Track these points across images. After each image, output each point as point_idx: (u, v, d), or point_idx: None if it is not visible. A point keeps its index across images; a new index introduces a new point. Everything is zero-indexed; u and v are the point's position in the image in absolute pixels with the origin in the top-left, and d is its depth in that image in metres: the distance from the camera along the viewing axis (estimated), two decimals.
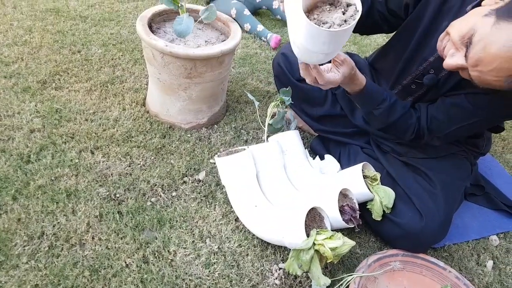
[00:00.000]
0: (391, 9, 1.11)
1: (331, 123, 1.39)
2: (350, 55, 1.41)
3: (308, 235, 0.96)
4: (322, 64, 0.94)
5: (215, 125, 1.47)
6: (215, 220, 1.13)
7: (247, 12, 2.18)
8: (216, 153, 1.34)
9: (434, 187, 1.14)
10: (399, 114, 1.09)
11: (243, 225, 1.12)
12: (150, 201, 1.14)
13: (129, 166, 1.23)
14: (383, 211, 1.12)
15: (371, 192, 1.12)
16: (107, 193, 1.12)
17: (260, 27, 2.14)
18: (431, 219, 1.08)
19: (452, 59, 0.84)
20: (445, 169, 1.19)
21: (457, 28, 0.83)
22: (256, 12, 2.44)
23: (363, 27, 1.15)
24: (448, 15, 0.98)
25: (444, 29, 0.95)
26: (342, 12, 0.73)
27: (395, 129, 1.13)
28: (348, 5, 0.75)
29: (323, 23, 0.73)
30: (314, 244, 0.95)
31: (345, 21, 0.72)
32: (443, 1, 0.99)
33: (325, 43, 0.73)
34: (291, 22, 0.79)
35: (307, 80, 0.96)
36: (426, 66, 1.06)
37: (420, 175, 1.19)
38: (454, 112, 1.04)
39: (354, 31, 0.91)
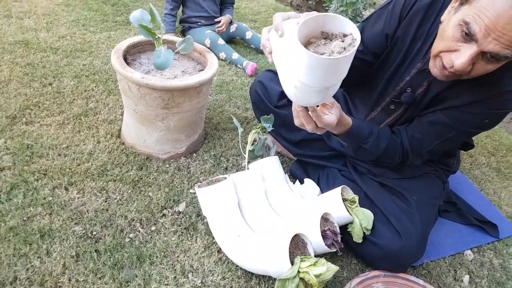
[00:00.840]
0: (374, 52, 1.15)
1: (309, 147, 1.41)
2: None
3: (292, 263, 0.96)
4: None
5: (194, 154, 1.46)
6: (197, 253, 1.11)
7: (221, 41, 2.21)
8: (196, 183, 1.33)
9: (410, 207, 1.17)
10: (386, 142, 1.13)
11: (226, 256, 1.11)
12: (129, 237, 1.11)
13: (106, 201, 1.20)
14: (363, 233, 1.13)
15: (350, 215, 1.13)
16: (83, 231, 1.09)
17: (235, 55, 2.17)
18: (409, 238, 1.10)
19: (462, 56, 0.84)
20: (419, 189, 1.23)
21: (440, 40, 0.88)
22: (230, 40, 2.48)
23: (351, 80, 1.16)
24: (421, 39, 1.05)
25: (418, 51, 1.04)
26: (341, 41, 0.73)
27: (385, 157, 1.16)
28: (345, 35, 0.74)
29: (321, 54, 0.71)
30: (299, 272, 0.94)
31: (344, 48, 0.70)
32: (419, 26, 1.05)
33: (327, 75, 0.71)
34: (284, 64, 0.78)
35: (308, 128, 0.94)
36: (403, 85, 1.11)
37: (396, 195, 1.22)
38: (432, 130, 1.08)
39: (342, 86, 0.94)
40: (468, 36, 0.82)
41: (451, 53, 0.87)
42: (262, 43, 0.90)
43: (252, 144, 1.28)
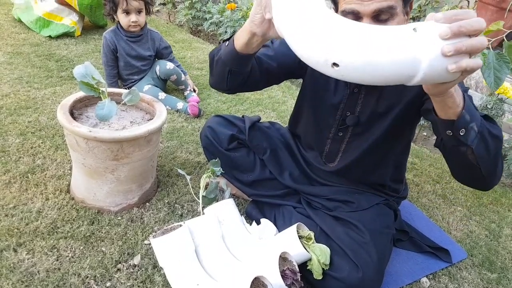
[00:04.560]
0: (282, 67, 1.21)
1: (263, 187, 1.44)
2: (272, 123, 1.52)
3: None
4: None
5: (147, 203, 1.44)
6: None
7: (162, 95, 2.19)
8: (151, 233, 1.30)
9: (364, 238, 1.20)
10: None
11: None
12: None
13: (57, 260, 1.14)
14: (322, 268, 1.14)
15: (308, 252, 1.15)
16: None
17: (180, 105, 2.17)
18: (366, 268, 1.13)
19: None
20: (371, 219, 1.27)
21: None
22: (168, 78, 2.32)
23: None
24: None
25: (336, 84, 1.15)
26: None
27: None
28: None
29: None
30: None
31: None
32: None
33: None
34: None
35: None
36: (342, 112, 1.19)
37: (350, 228, 1.25)
38: None
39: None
40: (355, 15, 0.93)
41: None
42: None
43: (205, 188, 1.29)
